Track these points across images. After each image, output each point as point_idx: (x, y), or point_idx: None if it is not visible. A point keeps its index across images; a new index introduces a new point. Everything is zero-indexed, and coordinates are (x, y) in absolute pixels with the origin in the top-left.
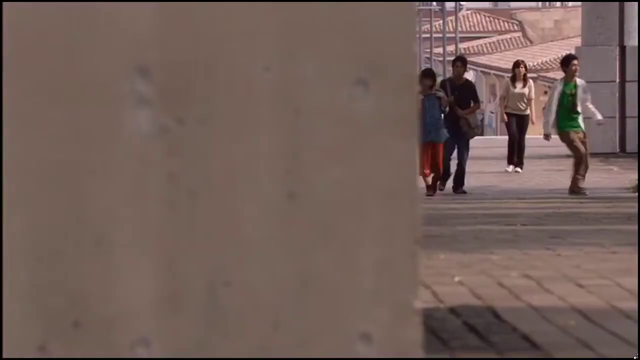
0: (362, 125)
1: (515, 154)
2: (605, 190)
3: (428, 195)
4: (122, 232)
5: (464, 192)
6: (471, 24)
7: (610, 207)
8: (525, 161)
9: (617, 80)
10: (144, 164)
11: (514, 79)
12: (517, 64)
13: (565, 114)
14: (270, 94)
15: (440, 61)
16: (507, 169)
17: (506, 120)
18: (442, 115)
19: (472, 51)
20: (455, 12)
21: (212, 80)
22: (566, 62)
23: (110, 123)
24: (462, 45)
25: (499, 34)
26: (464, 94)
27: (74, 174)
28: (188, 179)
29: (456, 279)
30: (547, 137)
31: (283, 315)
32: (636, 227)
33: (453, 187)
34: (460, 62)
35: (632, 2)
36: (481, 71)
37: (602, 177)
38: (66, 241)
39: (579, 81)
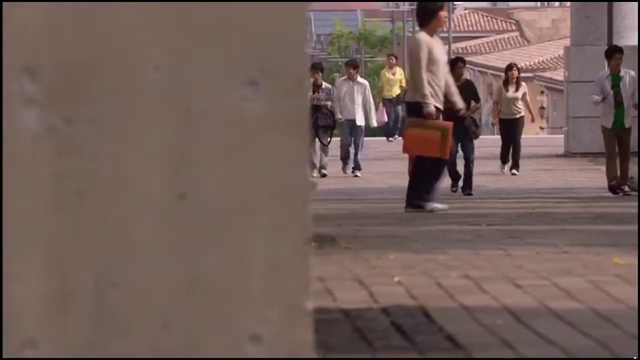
0: (252, 126)
1: (511, 157)
2: (589, 190)
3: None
4: (9, 232)
5: (471, 194)
6: (469, 23)
7: (585, 207)
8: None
9: None
10: (31, 163)
11: (506, 83)
12: (509, 67)
13: (608, 108)
14: (160, 94)
15: None
16: (503, 170)
17: (497, 124)
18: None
19: (469, 51)
20: (449, 12)
21: (101, 80)
22: (608, 54)
23: None
24: (460, 45)
25: (497, 34)
26: (465, 94)
27: None
28: (76, 179)
29: (396, 279)
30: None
31: (173, 315)
32: (603, 227)
33: (462, 187)
34: (462, 62)
35: (621, 3)
36: (478, 71)
37: (588, 176)
38: None
39: (624, 71)
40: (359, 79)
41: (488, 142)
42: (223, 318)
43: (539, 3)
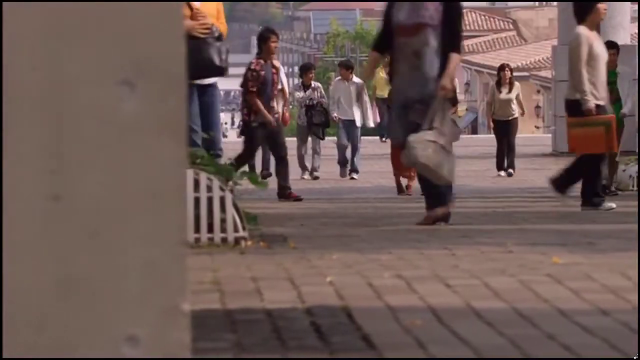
0: (128, 127)
1: (506, 157)
2: (573, 189)
3: (400, 194)
4: None
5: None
6: (466, 22)
7: (558, 206)
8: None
9: None
10: None
11: (499, 84)
12: (502, 67)
13: None
14: (36, 94)
15: None
16: (500, 174)
17: (492, 126)
18: None
19: (467, 50)
20: None
21: None
22: None
23: None
24: None
25: (495, 33)
26: None
27: None
28: None
29: (328, 279)
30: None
31: (48, 317)
32: (563, 227)
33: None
34: None
35: (608, 2)
36: (475, 70)
37: None
38: None
39: (621, 68)
40: (354, 78)
41: (480, 142)
42: (99, 319)
43: (536, 2)
